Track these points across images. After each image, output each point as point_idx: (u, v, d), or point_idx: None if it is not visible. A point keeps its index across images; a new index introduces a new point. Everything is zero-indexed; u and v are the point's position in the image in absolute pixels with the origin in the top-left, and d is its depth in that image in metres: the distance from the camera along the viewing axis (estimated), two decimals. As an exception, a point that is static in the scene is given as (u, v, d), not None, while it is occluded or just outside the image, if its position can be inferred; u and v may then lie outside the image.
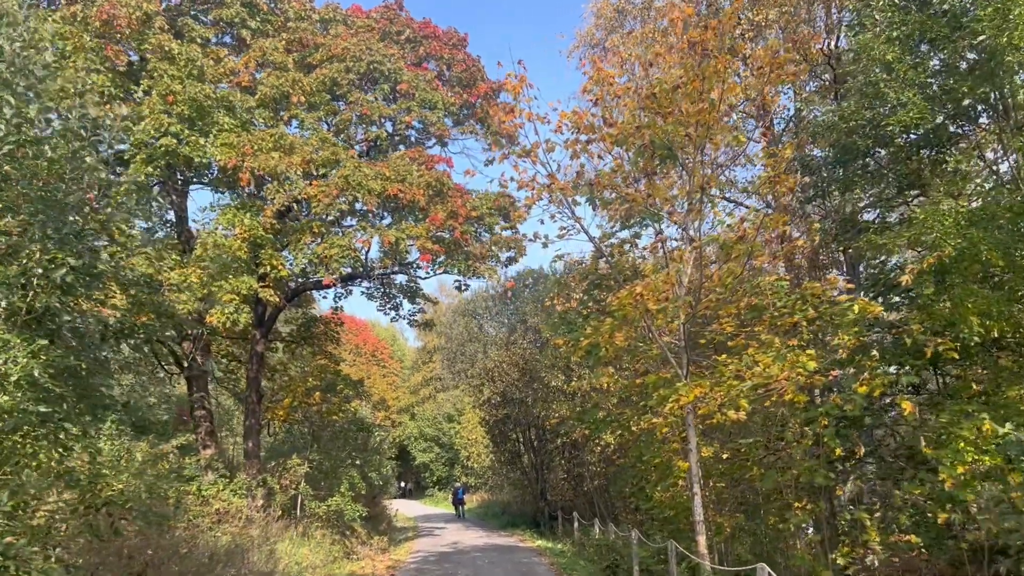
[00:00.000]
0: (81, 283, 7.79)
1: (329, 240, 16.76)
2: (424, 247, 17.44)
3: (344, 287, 24.65)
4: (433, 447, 67.40)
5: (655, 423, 11.37)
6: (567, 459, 29.04)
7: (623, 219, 13.35)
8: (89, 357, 8.90)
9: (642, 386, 14.55)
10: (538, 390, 28.75)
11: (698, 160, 10.71)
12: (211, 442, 21.22)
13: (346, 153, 17.14)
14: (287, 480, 20.72)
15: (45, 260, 7.40)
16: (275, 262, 16.41)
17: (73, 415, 8.48)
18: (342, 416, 22.73)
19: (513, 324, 33.34)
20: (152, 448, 16.55)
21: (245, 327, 23.75)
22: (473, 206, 19.09)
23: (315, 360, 24.69)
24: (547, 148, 11.95)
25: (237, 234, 16.16)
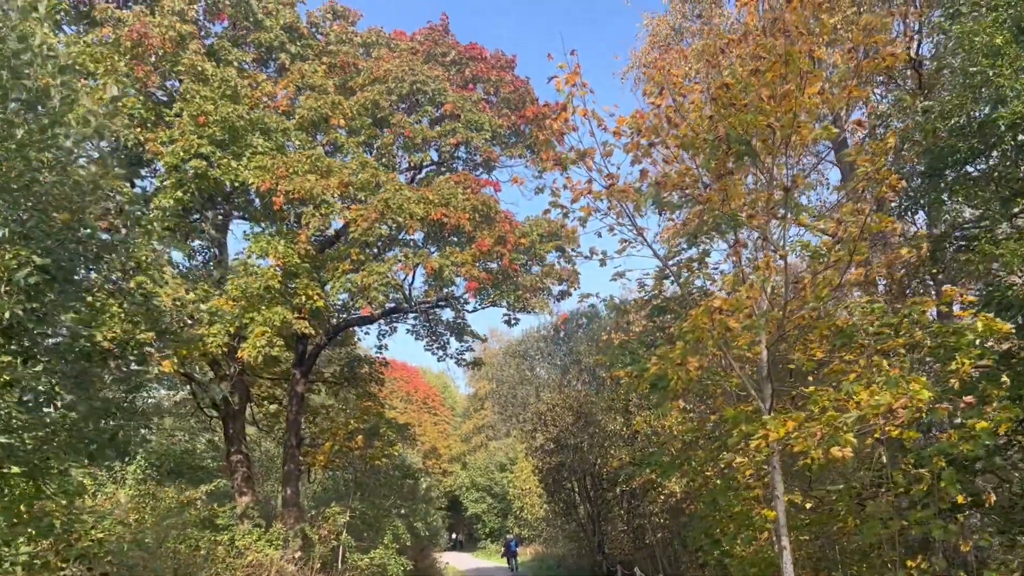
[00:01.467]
0: (51, 289, 6.62)
1: (368, 268, 15.58)
2: (470, 274, 16.13)
3: (388, 323, 23.48)
4: (485, 497, 65.48)
5: (739, 463, 9.71)
6: (626, 509, 27.07)
7: (692, 233, 11.85)
8: (72, 381, 7.66)
9: (715, 424, 12.86)
10: (594, 435, 26.97)
11: (782, 157, 9.23)
12: (248, 489, 19.99)
13: (387, 176, 16.04)
14: (326, 530, 19.30)
15: (7, 258, 6.22)
16: (311, 292, 15.28)
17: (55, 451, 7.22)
18: (386, 462, 21.32)
19: (566, 365, 31.75)
20: (180, 494, 15.38)
21: (286, 369, 22.88)
22: (522, 232, 17.79)
23: (359, 402, 23.43)
24: (604, 152, 10.57)
25: (271, 263, 15.10)
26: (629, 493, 26.36)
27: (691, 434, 12.29)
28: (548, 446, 31.80)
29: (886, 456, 12.21)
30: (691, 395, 12.13)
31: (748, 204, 9.65)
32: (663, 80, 10.77)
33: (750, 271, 9.31)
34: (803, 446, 8.16)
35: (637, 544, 27.36)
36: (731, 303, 8.42)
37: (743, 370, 10.77)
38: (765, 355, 10.80)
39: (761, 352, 10.85)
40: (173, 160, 14.70)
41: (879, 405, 8.11)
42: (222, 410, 20.79)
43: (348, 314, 20.60)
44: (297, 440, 21.02)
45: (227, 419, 20.39)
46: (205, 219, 18.59)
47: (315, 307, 15.44)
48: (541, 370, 37.28)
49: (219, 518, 18.32)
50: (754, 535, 11.24)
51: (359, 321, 21.47)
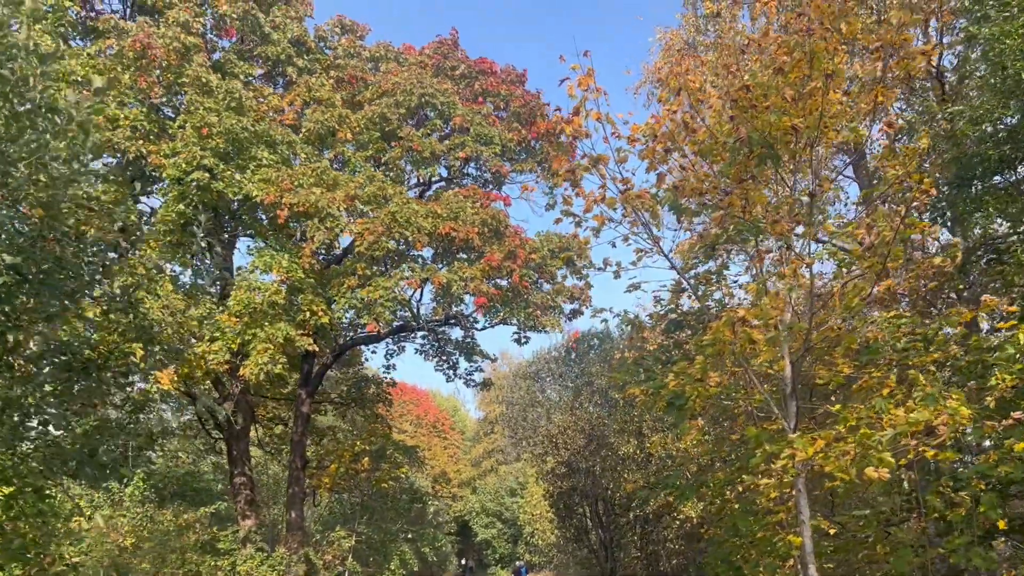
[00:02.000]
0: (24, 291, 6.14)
1: (375, 283, 15.14)
2: (479, 290, 15.67)
3: (395, 342, 22.98)
4: (495, 522, 64.51)
5: (765, 484, 9.12)
6: (640, 535, 26.32)
7: (710, 244, 11.35)
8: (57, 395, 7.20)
9: (735, 445, 12.28)
10: (607, 458, 26.28)
11: (807, 159, 8.75)
12: (251, 512, 19.44)
13: (395, 189, 15.65)
14: (331, 555, 18.72)
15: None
16: (316, 308, 14.84)
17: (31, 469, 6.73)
18: (393, 485, 20.76)
19: (578, 386, 31.14)
20: (179, 517, 14.87)
21: (292, 390, 22.38)
22: (533, 248, 17.33)
23: (366, 424, 22.91)
24: (619, 159, 10.11)
25: (275, 278, 14.70)
26: (643, 518, 25.63)
27: (709, 455, 11.72)
28: (559, 470, 31.08)
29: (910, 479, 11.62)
30: (709, 414, 11.57)
31: (771, 210, 9.18)
32: (679, 85, 10.34)
33: (773, 283, 8.79)
34: (834, 467, 7.61)
35: (651, 571, 26.56)
36: (755, 313, 7.90)
37: (765, 387, 10.23)
38: (789, 371, 10.25)
39: (785, 368, 10.31)
40: (176, 172, 14.37)
41: (916, 423, 7.56)
42: (226, 431, 20.31)
43: (355, 332, 20.17)
44: (302, 462, 20.49)
45: (231, 440, 19.90)
46: (212, 237, 18.23)
47: (320, 324, 15.00)
48: (552, 392, 36.66)
49: (221, 542, 17.79)
50: (777, 563, 10.61)
51: (366, 340, 21.02)
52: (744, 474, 11.21)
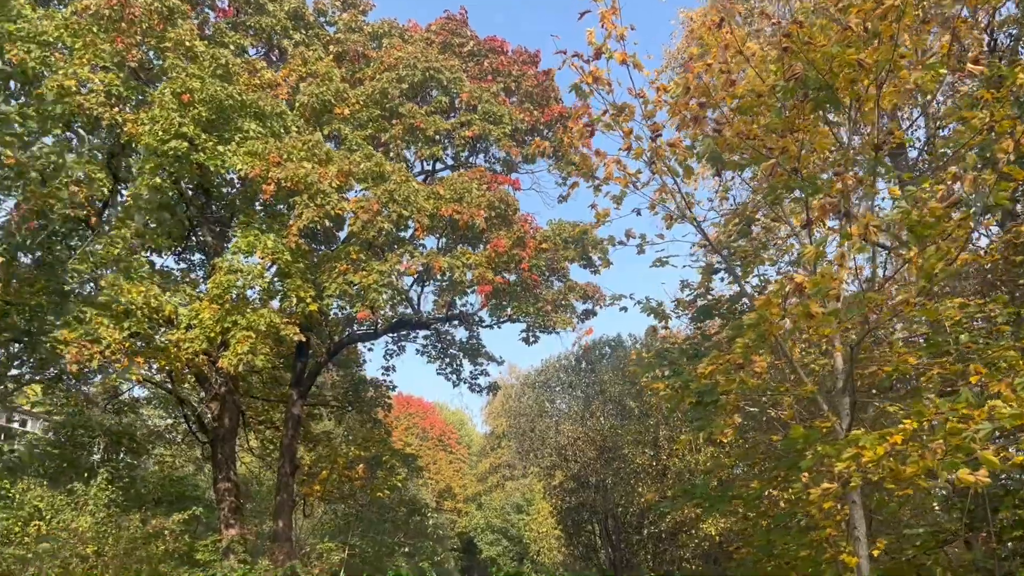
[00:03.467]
0: None
1: (368, 267, 13.74)
2: (483, 277, 14.22)
3: (395, 342, 21.57)
4: (501, 539, 62.73)
5: (819, 493, 7.63)
6: (653, 555, 24.68)
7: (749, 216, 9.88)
8: None
9: (771, 449, 10.76)
10: (619, 470, 24.70)
11: (874, 104, 7.31)
12: (236, 520, 17.96)
13: (394, 167, 14.27)
14: (319, 569, 17.22)
15: None
16: (303, 294, 13.44)
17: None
18: (389, 495, 19.25)
19: (589, 395, 29.59)
20: (147, 523, 13.44)
21: (285, 392, 20.91)
22: (544, 236, 15.91)
23: (363, 429, 21.46)
24: (646, 113, 8.68)
25: (258, 259, 13.32)
26: (656, 536, 24.04)
27: (740, 462, 10.22)
28: (568, 484, 29.49)
29: (977, 491, 10.10)
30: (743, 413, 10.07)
31: (830, 163, 7.76)
32: (714, 40, 8.92)
33: (835, 246, 7.32)
34: (917, 468, 6.13)
35: (665, 593, 24.92)
36: (815, 282, 6.45)
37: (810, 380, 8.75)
38: (840, 360, 8.78)
39: (837, 357, 8.84)
40: (152, 141, 13.04)
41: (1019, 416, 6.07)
42: (211, 433, 18.90)
43: (350, 329, 18.76)
44: (292, 468, 19.03)
45: (216, 443, 18.46)
46: (200, 223, 16.88)
47: (308, 311, 13.59)
48: (562, 403, 35.11)
49: (199, 552, 16.33)
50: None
51: (362, 337, 19.62)
52: (787, 482, 9.71)
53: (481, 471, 71.42)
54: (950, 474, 5.92)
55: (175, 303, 13.51)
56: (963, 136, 7.19)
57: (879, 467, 6.70)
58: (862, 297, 6.67)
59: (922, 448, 6.22)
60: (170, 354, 13.59)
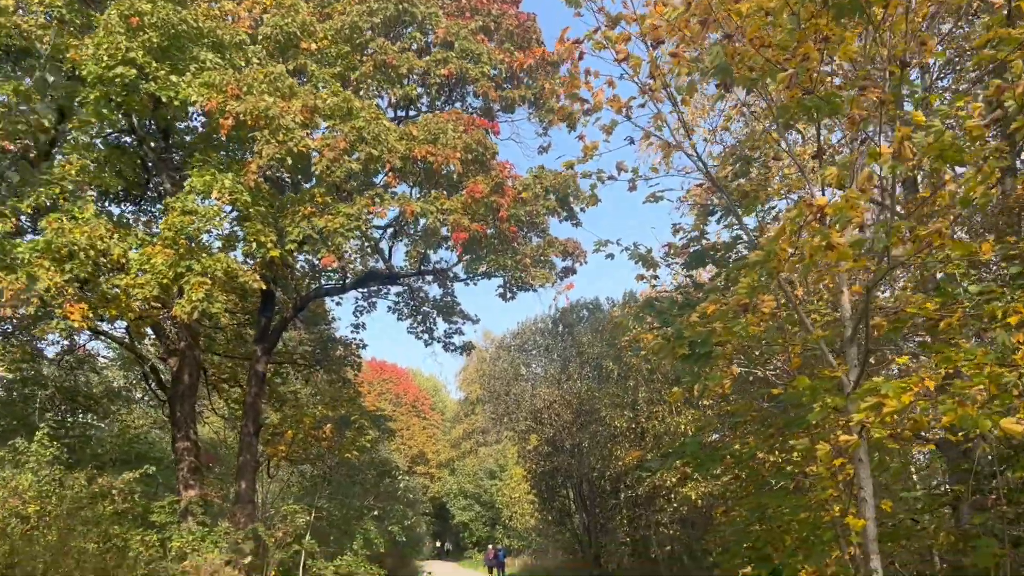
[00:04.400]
0: None
1: (334, 209, 12.75)
2: (459, 223, 13.30)
3: (366, 298, 20.62)
4: (473, 505, 62.69)
5: (828, 450, 6.90)
6: (629, 519, 24.19)
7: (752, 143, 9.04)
8: None
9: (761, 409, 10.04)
10: (596, 433, 24.09)
11: (904, 11, 6.47)
12: (195, 481, 17.06)
13: (363, 103, 13.23)
14: (283, 532, 16.40)
15: None
16: (264, 238, 12.44)
17: None
18: (356, 456, 18.42)
19: (567, 358, 28.90)
20: (91, 482, 12.50)
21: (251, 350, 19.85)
22: (524, 184, 15.00)
23: (331, 389, 20.56)
24: (643, 29, 7.75)
25: (215, 200, 12.28)
26: (632, 501, 23.53)
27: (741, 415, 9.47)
28: (543, 449, 28.95)
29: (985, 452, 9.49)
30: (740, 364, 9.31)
31: (848, 84, 6.92)
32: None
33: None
34: (953, 418, 5.38)
35: (640, 558, 24.49)
36: (838, 207, 5.63)
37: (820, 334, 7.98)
38: (847, 307, 8.02)
39: (844, 303, 8.07)
40: (97, 69, 11.88)
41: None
42: (169, 390, 17.92)
43: (319, 281, 17.79)
44: (255, 427, 18.12)
45: (174, 400, 17.49)
46: (155, 164, 15.74)
47: (269, 257, 12.61)
48: (538, 367, 34.41)
49: (154, 514, 15.44)
50: (824, 550, 8.41)
51: (331, 291, 18.65)
52: (784, 440, 8.99)
53: (455, 437, 71.13)
54: (992, 425, 5.18)
55: (124, 247, 12.46)
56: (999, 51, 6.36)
57: (901, 419, 5.96)
58: (890, 224, 5.87)
59: (958, 396, 5.47)
60: (119, 302, 12.57)
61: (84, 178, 12.91)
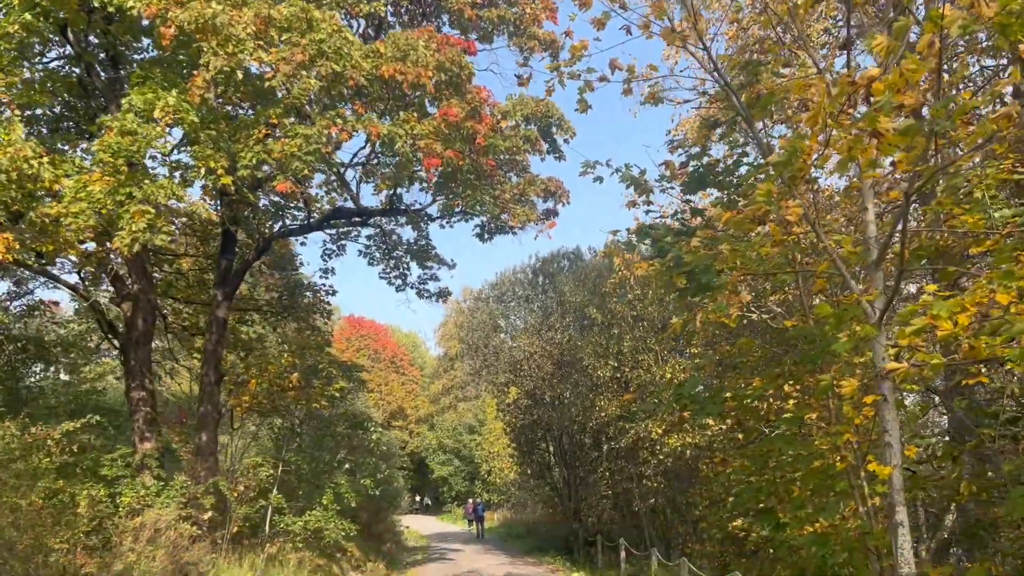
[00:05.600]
0: None
1: (292, 130, 11.49)
2: (431, 149, 12.08)
3: (334, 241, 19.42)
4: (452, 460, 62.34)
5: (854, 386, 5.93)
6: (611, 472, 23.44)
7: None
8: None
9: (768, 347, 9.05)
10: (578, 384, 23.18)
11: None
12: (151, 433, 15.97)
13: (324, 14, 11.86)
14: (244, 486, 15.39)
15: None
16: (213, 163, 11.16)
17: None
18: (325, 406, 17.37)
19: (548, 308, 27.91)
20: (24, 432, 11.33)
21: (210, 297, 18.54)
22: (503, 112, 13.78)
23: (299, 336, 19.43)
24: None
25: (159, 119, 10.95)
26: (614, 453, 22.73)
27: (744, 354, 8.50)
28: (522, 402, 28.10)
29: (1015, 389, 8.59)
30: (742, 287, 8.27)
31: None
32: None
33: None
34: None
35: (622, 512, 23.80)
36: (890, 83, 4.53)
37: (846, 251, 6.95)
38: (872, 226, 6.99)
39: (868, 222, 7.04)
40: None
41: None
42: (122, 336, 16.70)
43: (283, 220, 16.55)
44: (216, 375, 17.00)
45: (127, 347, 16.29)
46: (111, 101, 14.29)
47: (221, 184, 11.35)
48: (517, 318, 33.45)
49: (104, 467, 14.35)
50: (837, 503, 7.49)
51: (295, 230, 17.41)
52: (794, 379, 8.00)
53: (434, 392, 70.55)
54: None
55: (58, 173, 11.15)
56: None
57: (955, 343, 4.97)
58: (948, 106, 4.77)
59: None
60: (54, 235, 11.29)
61: (13, 98, 11.56)
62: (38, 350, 19.51)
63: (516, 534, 36.70)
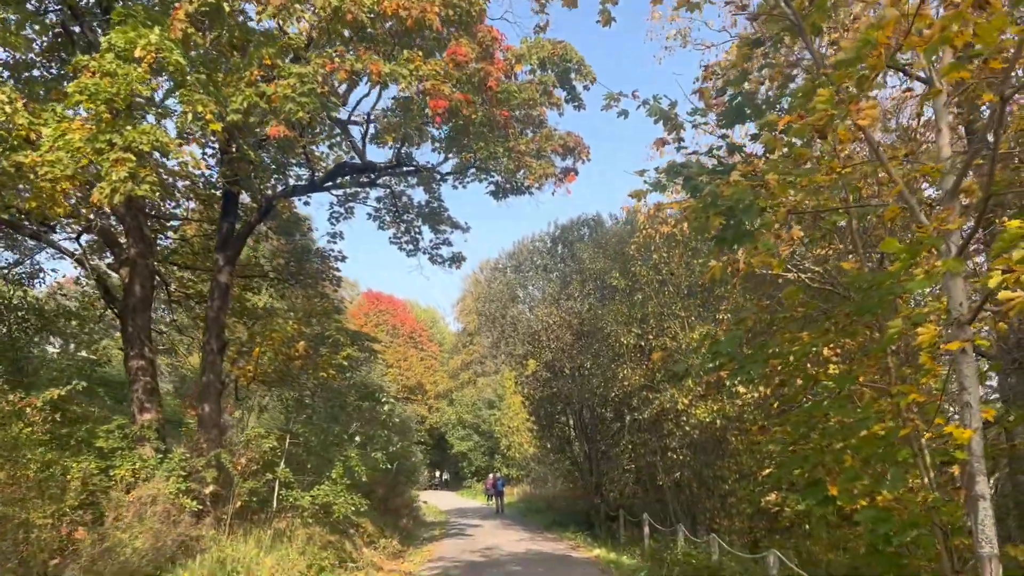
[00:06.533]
0: None
1: (285, 70, 10.52)
2: (437, 90, 11.07)
3: (342, 202, 18.48)
4: (472, 435, 61.92)
5: (933, 333, 4.95)
6: (634, 445, 22.55)
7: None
8: None
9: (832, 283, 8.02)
10: (599, 354, 22.22)
11: None
12: (151, 403, 15.24)
13: (319, -55, 10.83)
14: (247, 459, 14.63)
15: None
16: (200, 108, 10.23)
17: None
18: (333, 375, 16.53)
19: (567, 275, 26.90)
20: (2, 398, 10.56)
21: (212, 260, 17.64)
22: (517, 55, 12.72)
23: (306, 304, 18.59)
24: None
25: (141, 58, 10.02)
26: (637, 425, 21.80)
27: (789, 307, 7.49)
28: (541, 374, 27.21)
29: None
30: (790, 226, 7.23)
31: None
32: None
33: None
34: None
35: (645, 486, 22.93)
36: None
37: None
38: (946, 147, 5.97)
39: (942, 142, 6.01)
40: None
41: None
42: (120, 302, 15.95)
43: (285, 179, 15.64)
44: (219, 344, 16.21)
45: (125, 314, 15.53)
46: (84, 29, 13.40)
47: (207, 128, 10.42)
48: (535, 288, 32.45)
49: (99, 438, 13.62)
50: (904, 472, 6.52)
51: (299, 189, 16.48)
52: (847, 333, 6.98)
53: (453, 368, 70.07)
54: None
55: (36, 122, 10.28)
56: None
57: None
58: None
59: None
60: (36, 188, 10.45)
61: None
62: (40, 320, 18.85)
63: (536, 509, 36.03)
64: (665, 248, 16.55)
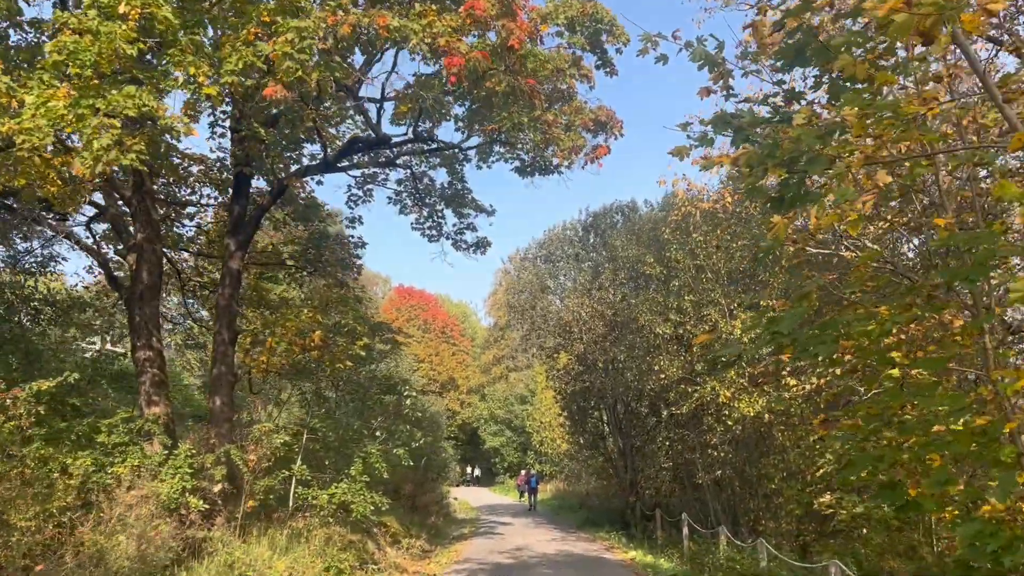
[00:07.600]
0: None
1: (283, 25, 9.52)
2: (452, 47, 9.99)
3: (360, 185, 17.53)
4: (504, 430, 61.05)
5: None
6: (671, 441, 21.34)
7: None
8: None
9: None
10: (633, 345, 21.03)
11: None
12: (159, 396, 14.41)
13: None
14: (256, 455, 13.73)
15: None
16: (193, 70, 9.29)
17: None
18: (350, 366, 15.56)
19: (599, 264, 25.73)
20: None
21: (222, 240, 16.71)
22: (543, 15, 11.60)
23: (324, 292, 17.67)
24: None
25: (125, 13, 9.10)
26: (674, 421, 20.60)
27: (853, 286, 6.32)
28: (573, 368, 26.10)
29: None
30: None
31: None
32: None
33: None
34: None
35: (683, 484, 21.74)
36: None
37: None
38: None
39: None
40: None
41: None
42: (126, 290, 15.16)
43: (295, 158, 14.71)
44: (230, 334, 15.38)
45: (131, 302, 14.72)
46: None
47: (200, 92, 9.48)
48: (567, 279, 31.30)
49: (101, 433, 12.80)
50: (1013, 476, 5.34)
51: (313, 168, 15.54)
52: (933, 310, 5.79)
53: (484, 363, 69.32)
54: None
55: (20, 91, 9.42)
56: None
57: None
58: None
59: None
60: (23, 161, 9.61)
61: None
62: (52, 311, 18.23)
63: (569, 506, 34.98)
64: (705, 224, 15.32)
